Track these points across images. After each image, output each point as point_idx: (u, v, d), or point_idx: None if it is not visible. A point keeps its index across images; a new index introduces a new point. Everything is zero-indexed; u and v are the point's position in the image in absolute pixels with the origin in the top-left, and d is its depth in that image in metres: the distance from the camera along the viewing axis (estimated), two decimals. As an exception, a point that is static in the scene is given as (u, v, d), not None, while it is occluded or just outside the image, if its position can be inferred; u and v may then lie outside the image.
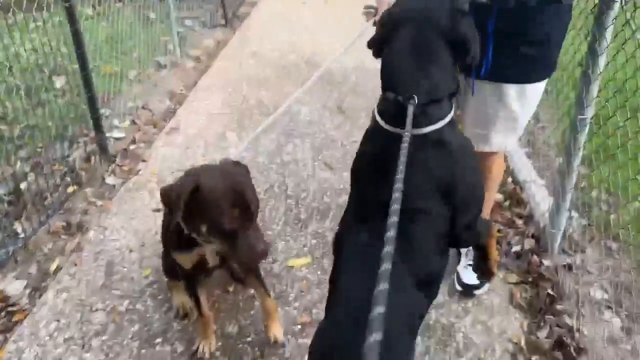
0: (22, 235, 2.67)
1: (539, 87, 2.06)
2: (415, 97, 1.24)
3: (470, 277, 2.38)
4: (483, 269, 1.76)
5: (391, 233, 0.92)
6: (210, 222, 1.62)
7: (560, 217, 2.55)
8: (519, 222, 2.85)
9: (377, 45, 1.41)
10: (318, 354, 1.27)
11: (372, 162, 1.39)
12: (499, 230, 2.74)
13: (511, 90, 2.00)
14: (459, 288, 2.42)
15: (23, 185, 2.94)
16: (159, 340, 2.26)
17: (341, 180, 3.33)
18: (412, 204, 1.23)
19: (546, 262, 2.55)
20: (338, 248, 1.48)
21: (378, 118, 1.34)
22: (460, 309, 2.36)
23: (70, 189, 3.08)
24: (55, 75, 3.90)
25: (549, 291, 2.39)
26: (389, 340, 1.03)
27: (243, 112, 4.10)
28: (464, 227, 1.43)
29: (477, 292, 2.41)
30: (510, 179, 3.20)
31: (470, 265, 2.42)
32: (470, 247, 2.47)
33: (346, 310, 1.23)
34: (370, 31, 1.54)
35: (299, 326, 2.27)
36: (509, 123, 2.10)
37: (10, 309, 2.39)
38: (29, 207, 2.78)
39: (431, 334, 2.23)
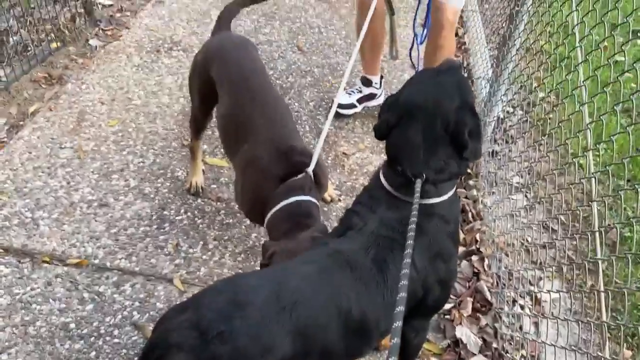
0: (4, 79, 2.94)
1: None
2: (424, 175, 1.39)
3: (342, 98, 3.06)
4: None
5: (402, 294, 1.00)
6: None
7: (494, 108, 2.74)
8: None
9: (385, 129, 1.48)
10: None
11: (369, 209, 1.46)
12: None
13: None
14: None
15: (10, 39, 3.16)
16: (115, 176, 2.58)
17: (309, 63, 3.51)
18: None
19: (475, 147, 2.77)
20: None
21: (386, 184, 1.45)
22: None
23: (54, 45, 3.31)
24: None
25: (468, 170, 2.63)
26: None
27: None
28: (430, 306, 1.50)
29: (341, 110, 3.03)
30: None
31: (348, 93, 3.09)
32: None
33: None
34: None
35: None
36: None
37: (-11, 140, 2.70)
38: (12, 56, 3.02)
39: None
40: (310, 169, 1.85)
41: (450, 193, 1.43)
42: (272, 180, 1.82)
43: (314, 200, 1.81)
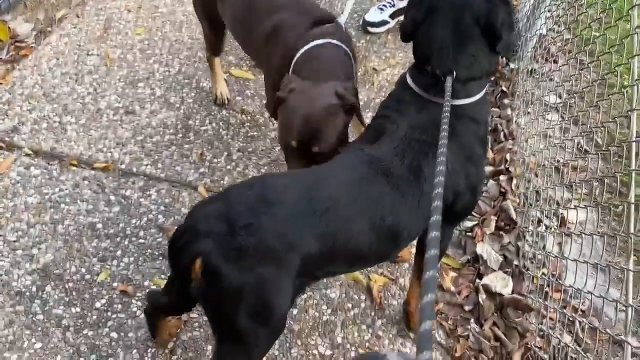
0: (31, -16, 2.90)
1: None
2: (454, 72, 1.31)
3: (373, 15, 2.94)
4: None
5: (438, 189, 0.93)
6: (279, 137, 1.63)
7: (537, 22, 2.57)
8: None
9: (411, 27, 1.39)
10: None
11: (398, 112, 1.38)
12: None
13: None
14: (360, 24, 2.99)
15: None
16: (141, 84, 2.56)
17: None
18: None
19: (512, 65, 2.64)
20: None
21: (413, 85, 1.38)
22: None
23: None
24: None
25: (503, 88, 2.52)
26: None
27: None
28: (458, 212, 1.45)
29: (371, 29, 2.95)
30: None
31: (380, 8, 2.94)
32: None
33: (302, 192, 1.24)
34: None
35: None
36: None
37: (18, 44, 2.70)
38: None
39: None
40: (342, 19, 1.74)
41: (481, 94, 1.37)
42: (301, 28, 1.68)
43: (347, 49, 1.68)
